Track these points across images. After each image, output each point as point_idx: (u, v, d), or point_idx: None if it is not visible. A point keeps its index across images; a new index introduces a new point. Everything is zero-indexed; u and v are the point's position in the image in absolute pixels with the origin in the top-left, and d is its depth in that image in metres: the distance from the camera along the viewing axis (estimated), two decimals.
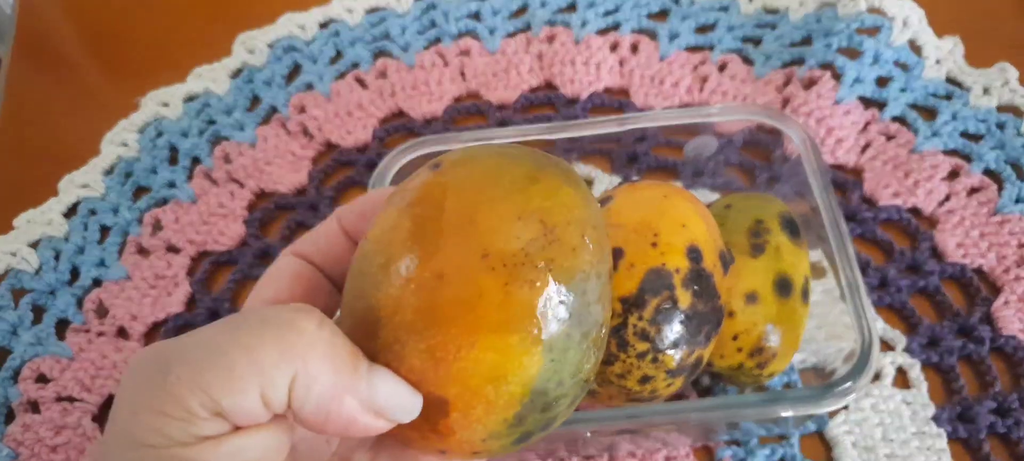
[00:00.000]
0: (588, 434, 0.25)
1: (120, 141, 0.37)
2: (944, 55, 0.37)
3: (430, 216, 0.14)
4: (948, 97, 0.36)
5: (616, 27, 0.40)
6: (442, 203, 0.14)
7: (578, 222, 0.15)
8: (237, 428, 0.14)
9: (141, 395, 0.13)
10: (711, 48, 0.39)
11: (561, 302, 0.14)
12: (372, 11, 0.42)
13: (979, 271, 0.31)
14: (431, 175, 0.16)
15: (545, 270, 0.14)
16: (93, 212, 0.35)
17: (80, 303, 0.32)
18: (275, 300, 0.17)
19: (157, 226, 0.35)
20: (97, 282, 0.33)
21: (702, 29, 0.40)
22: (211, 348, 0.13)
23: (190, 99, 0.39)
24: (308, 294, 0.18)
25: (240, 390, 0.13)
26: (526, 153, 0.16)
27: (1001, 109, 0.36)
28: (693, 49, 0.39)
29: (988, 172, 0.34)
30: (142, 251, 0.34)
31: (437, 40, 0.41)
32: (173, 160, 0.37)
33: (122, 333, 0.32)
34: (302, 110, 0.38)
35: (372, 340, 0.15)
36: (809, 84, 0.36)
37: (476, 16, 0.42)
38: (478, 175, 0.15)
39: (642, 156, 0.35)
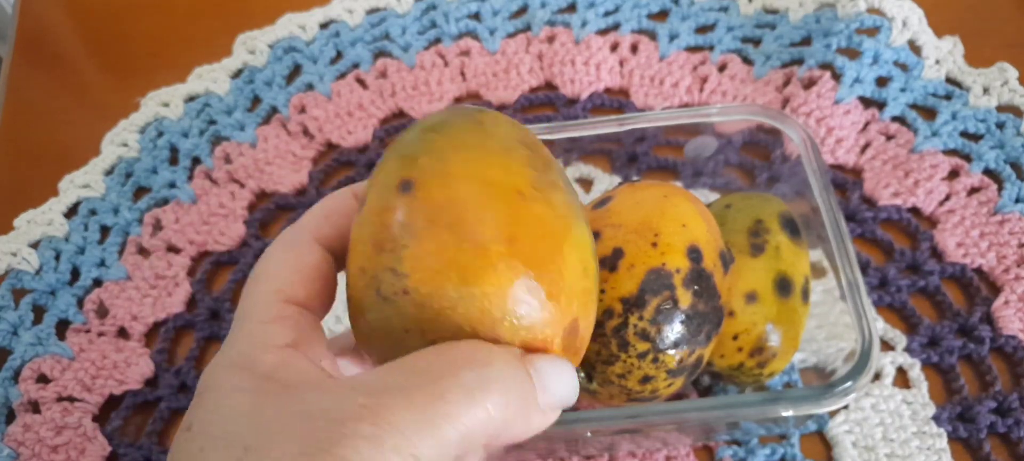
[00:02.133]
0: (588, 434, 0.25)
1: (121, 141, 0.37)
2: (944, 55, 0.37)
3: (447, 202, 0.15)
4: (948, 97, 0.36)
5: (616, 27, 0.40)
6: (450, 188, 0.16)
7: (529, 142, 0.18)
8: None
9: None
10: (711, 48, 0.39)
11: (566, 186, 0.18)
12: (372, 12, 0.42)
13: (979, 271, 0.31)
14: (424, 161, 0.16)
15: (548, 174, 0.17)
16: (93, 212, 0.35)
17: (81, 303, 0.32)
18: (291, 299, 0.17)
19: (157, 226, 0.35)
20: (98, 282, 0.33)
21: (702, 29, 0.40)
22: (421, 421, 0.13)
23: (191, 99, 0.39)
24: (324, 294, 0.17)
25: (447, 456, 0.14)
26: (468, 116, 0.18)
27: (1001, 109, 0.36)
28: (693, 49, 0.39)
29: (988, 172, 0.34)
30: (142, 251, 0.34)
31: (437, 40, 0.41)
32: (174, 160, 0.37)
33: (122, 333, 0.32)
34: (302, 110, 0.38)
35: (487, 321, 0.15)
36: (809, 84, 0.36)
37: (476, 16, 0.42)
38: (463, 154, 0.17)
39: (642, 156, 0.35)
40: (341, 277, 0.18)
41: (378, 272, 0.15)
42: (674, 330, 0.22)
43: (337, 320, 0.31)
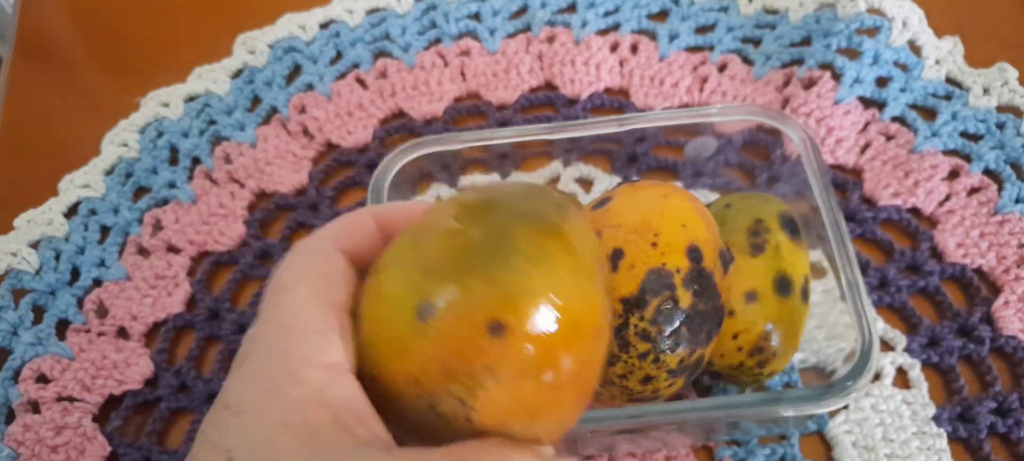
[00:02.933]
0: (588, 434, 0.25)
1: (121, 141, 0.37)
2: (944, 55, 0.37)
3: (540, 356, 0.15)
4: (948, 97, 0.36)
5: (616, 28, 0.40)
6: (543, 341, 0.15)
7: (597, 244, 0.17)
8: None
9: None
10: (711, 48, 0.39)
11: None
12: (372, 12, 0.42)
13: (979, 271, 0.31)
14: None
15: (603, 280, 0.17)
16: (93, 212, 0.35)
17: (80, 303, 0.32)
18: (331, 306, 0.16)
19: (157, 226, 0.35)
20: (97, 282, 0.33)
21: (702, 30, 0.40)
22: None
23: (191, 99, 0.39)
24: (347, 304, 0.16)
25: None
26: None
27: (1001, 109, 0.36)
28: (693, 49, 0.39)
29: (988, 172, 0.34)
30: (142, 251, 0.34)
31: (437, 41, 0.41)
32: (173, 160, 0.37)
33: (122, 333, 0.32)
34: (302, 110, 0.38)
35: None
36: (809, 84, 0.36)
37: (476, 17, 0.42)
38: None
39: (642, 156, 0.35)
40: None
41: (439, 393, 0.14)
42: (675, 330, 0.22)
43: None
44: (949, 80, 0.37)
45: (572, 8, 0.42)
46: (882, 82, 0.37)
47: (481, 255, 0.14)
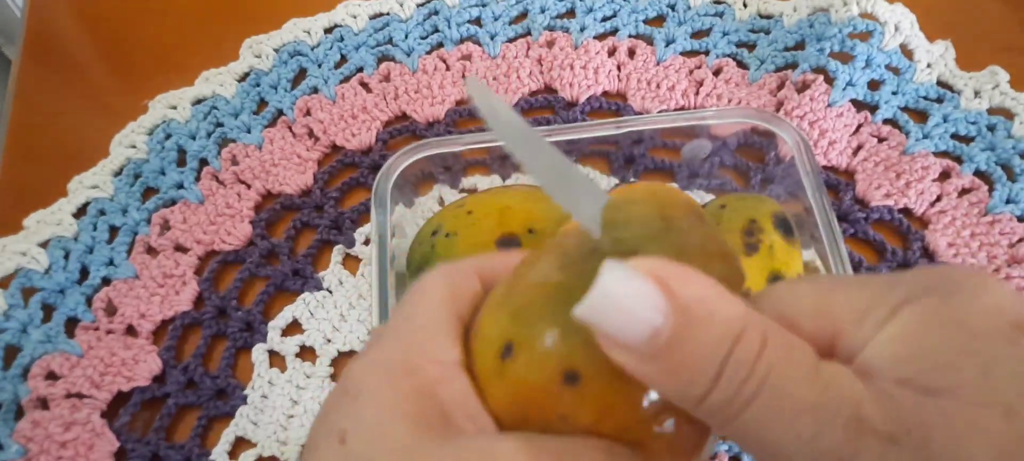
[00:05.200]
0: None
1: (129, 143, 0.38)
2: (935, 59, 0.38)
3: (612, 400, 0.14)
4: (939, 100, 0.37)
5: (614, 32, 0.41)
6: (614, 384, 0.14)
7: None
8: None
9: None
10: (706, 53, 0.40)
11: None
12: (376, 17, 0.43)
13: None
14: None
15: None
16: (102, 212, 0.36)
17: (89, 302, 0.33)
18: (458, 317, 0.16)
19: (165, 226, 0.35)
20: (106, 281, 0.34)
21: (698, 34, 0.41)
22: None
23: (198, 102, 0.40)
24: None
25: None
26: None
27: (992, 111, 0.36)
28: (689, 54, 0.40)
29: (979, 173, 0.34)
30: (150, 251, 0.35)
31: (439, 45, 0.42)
32: (181, 162, 0.38)
33: (131, 331, 0.33)
34: (307, 113, 0.39)
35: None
36: (802, 88, 0.37)
37: (477, 22, 0.42)
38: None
39: (639, 158, 0.36)
40: None
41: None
42: None
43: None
44: (940, 83, 0.38)
45: (571, 13, 0.42)
46: (874, 85, 0.37)
47: (565, 301, 0.14)
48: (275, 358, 0.32)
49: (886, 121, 0.36)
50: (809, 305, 0.13)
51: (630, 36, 0.41)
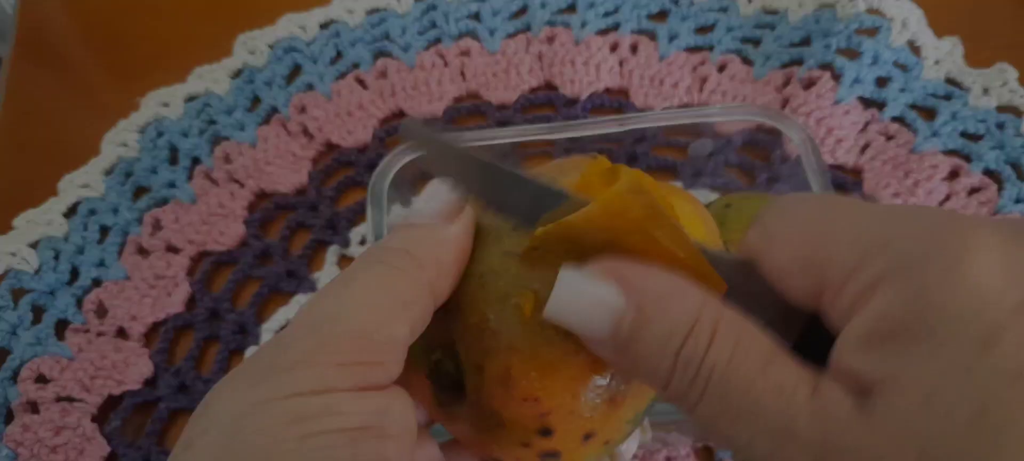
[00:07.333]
0: None
1: (120, 141, 0.37)
2: (943, 56, 0.37)
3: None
4: (947, 97, 0.36)
5: (616, 28, 0.40)
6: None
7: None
8: None
9: None
10: (710, 49, 0.39)
11: None
12: (372, 12, 0.42)
13: None
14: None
15: None
16: (93, 212, 0.35)
17: (80, 303, 0.32)
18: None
19: (157, 226, 0.35)
20: (97, 282, 0.33)
21: (701, 30, 0.40)
22: None
23: (191, 99, 0.39)
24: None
25: None
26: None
27: (1001, 109, 0.36)
28: (692, 50, 0.39)
29: (988, 172, 0.34)
30: (142, 251, 0.34)
31: (437, 40, 0.41)
32: (173, 160, 0.37)
33: (122, 333, 0.32)
34: (302, 110, 0.38)
35: None
36: (808, 84, 0.36)
37: (476, 17, 0.42)
38: None
39: (642, 156, 0.35)
40: None
41: None
42: None
43: None
44: (949, 80, 0.37)
45: (572, 8, 0.42)
46: (882, 82, 0.37)
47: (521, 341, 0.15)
48: None
49: (894, 119, 0.36)
50: (801, 252, 0.13)
51: (632, 32, 0.40)
